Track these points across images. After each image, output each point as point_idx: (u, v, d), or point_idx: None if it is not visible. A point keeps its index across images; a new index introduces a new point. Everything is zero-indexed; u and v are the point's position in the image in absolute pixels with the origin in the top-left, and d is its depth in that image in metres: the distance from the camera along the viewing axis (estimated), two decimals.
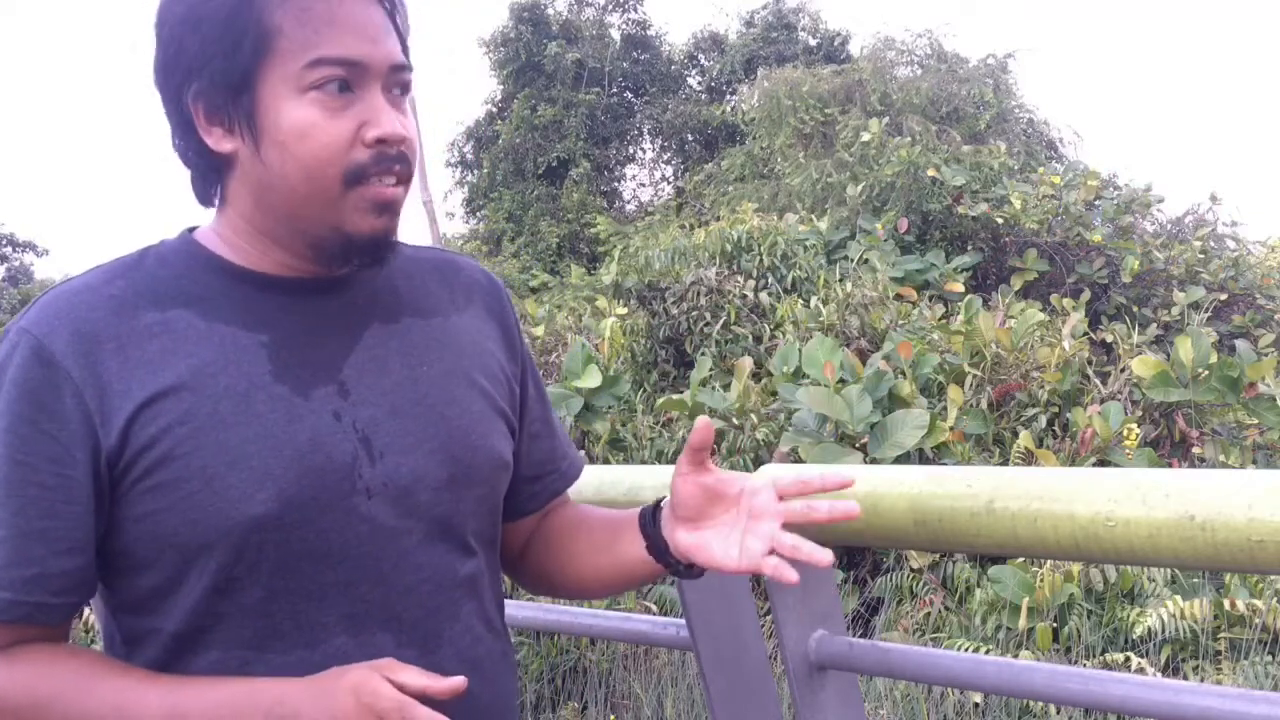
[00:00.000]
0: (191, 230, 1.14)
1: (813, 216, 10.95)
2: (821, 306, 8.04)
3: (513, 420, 1.22)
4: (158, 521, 1.02)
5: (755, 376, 7.42)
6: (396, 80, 1.07)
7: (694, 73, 20.89)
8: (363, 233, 1.06)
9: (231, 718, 0.99)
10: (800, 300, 8.50)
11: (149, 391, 1.01)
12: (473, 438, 1.15)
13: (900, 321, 7.82)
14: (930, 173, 10.37)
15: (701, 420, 1.09)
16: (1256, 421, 6.58)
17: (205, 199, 1.12)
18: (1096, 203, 10.52)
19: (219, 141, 1.06)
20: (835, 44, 19.17)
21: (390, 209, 1.06)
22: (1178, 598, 5.09)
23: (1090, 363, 7.36)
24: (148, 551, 1.03)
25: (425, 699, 0.98)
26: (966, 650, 4.78)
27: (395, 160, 1.05)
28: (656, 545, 1.15)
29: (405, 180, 1.07)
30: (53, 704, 1.00)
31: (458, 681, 0.98)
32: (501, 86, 20.16)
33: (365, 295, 1.14)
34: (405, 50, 1.10)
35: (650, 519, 1.17)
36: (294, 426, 1.04)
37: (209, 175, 1.10)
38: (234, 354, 1.05)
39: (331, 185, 1.04)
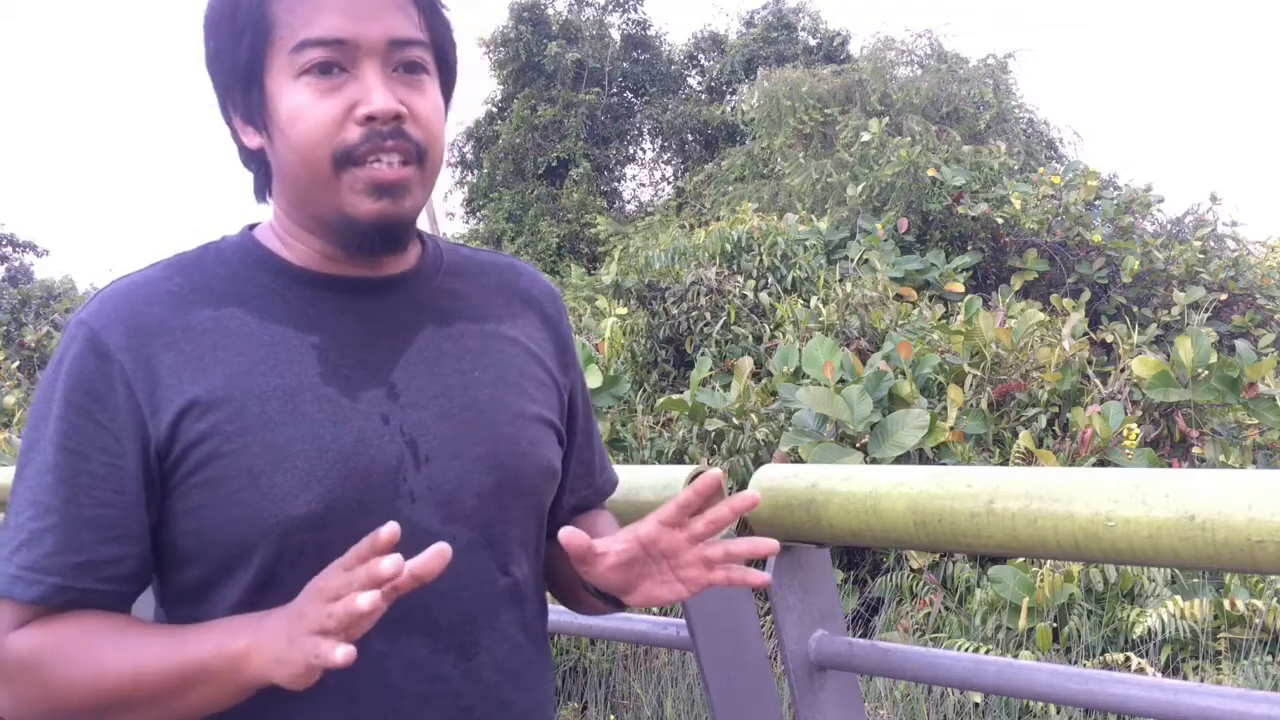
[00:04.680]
0: (252, 227, 1.15)
1: (813, 216, 10.94)
2: (821, 306, 8.03)
3: (561, 430, 1.21)
4: (203, 518, 1.02)
5: (755, 376, 7.42)
6: (401, 57, 1.05)
7: (694, 73, 20.89)
8: (363, 216, 1.04)
9: (221, 636, 0.97)
10: (800, 300, 8.49)
11: (199, 388, 1.02)
12: (521, 445, 1.14)
13: (900, 321, 7.82)
14: (930, 173, 10.37)
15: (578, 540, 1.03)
16: (1256, 421, 6.57)
17: (258, 196, 1.14)
18: (1096, 203, 10.52)
19: (251, 139, 1.09)
20: (835, 44, 19.16)
21: (391, 191, 1.04)
22: (1178, 598, 5.08)
23: (1090, 363, 7.36)
24: (194, 545, 1.04)
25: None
26: (966, 650, 4.78)
27: (388, 136, 1.02)
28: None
29: (411, 159, 1.04)
30: (75, 656, 0.99)
31: (439, 549, 0.92)
32: (501, 86, 20.16)
33: (423, 296, 1.14)
34: (434, 26, 1.08)
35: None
36: (340, 428, 1.04)
37: (257, 174, 1.12)
38: (284, 354, 1.05)
39: (323, 168, 1.03)
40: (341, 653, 0.86)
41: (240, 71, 1.05)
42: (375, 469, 1.04)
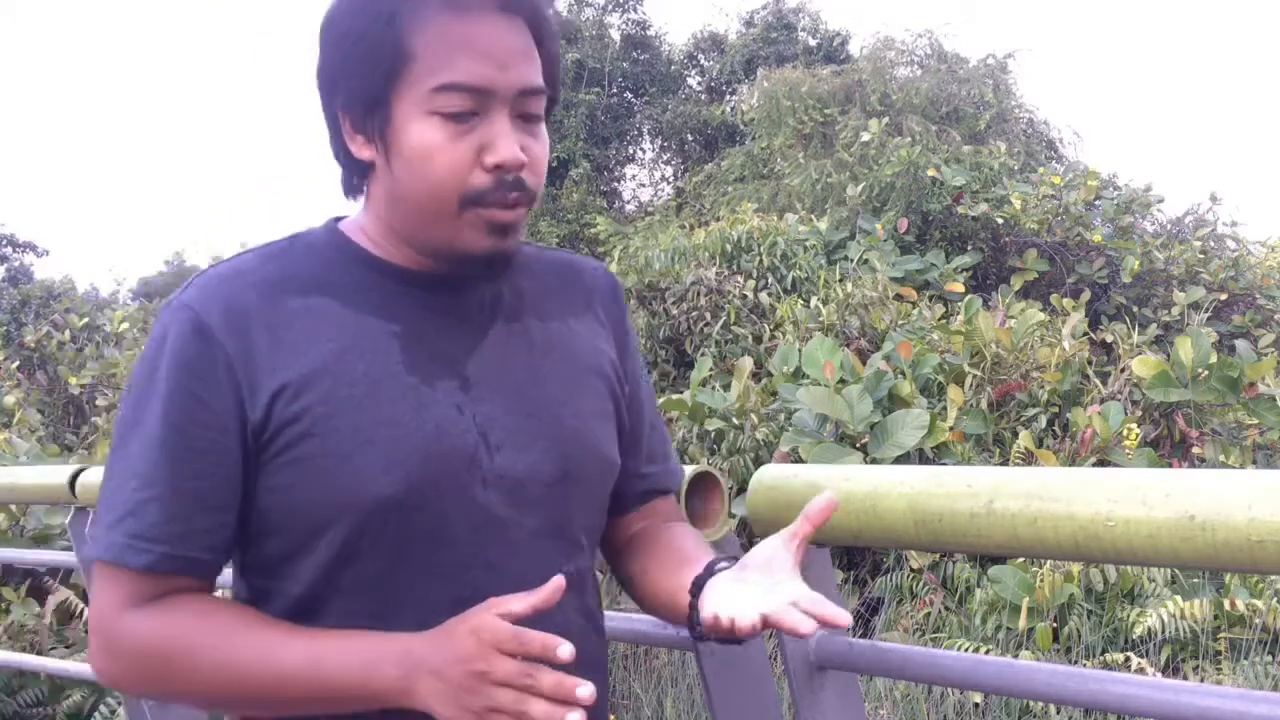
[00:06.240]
0: (337, 220, 1.21)
1: (813, 216, 10.94)
2: (821, 306, 8.04)
3: (624, 421, 1.27)
4: (290, 494, 1.09)
5: (755, 376, 7.42)
6: (525, 106, 1.10)
7: (694, 73, 20.89)
8: (475, 251, 1.11)
9: (363, 666, 1.04)
10: (800, 300, 8.49)
11: (293, 372, 1.09)
12: (585, 437, 1.20)
13: (900, 321, 7.82)
14: (930, 173, 10.37)
15: (828, 496, 1.09)
16: (1256, 421, 6.58)
17: (350, 193, 1.19)
18: (1096, 203, 10.52)
19: (360, 149, 1.13)
20: (835, 44, 19.15)
21: (505, 230, 1.11)
22: (1178, 598, 5.09)
23: (1090, 363, 7.36)
24: (279, 519, 1.10)
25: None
26: (966, 650, 4.78)
27: (512, 187, 1.09)
28: (694, 606, 1.14)
29: (524, 203, 1.11)
30: (204, 650, 1.07)
31: (557, 583, 1.01)
32: None
33: (492, 293, 1.19)
34: (553, 71, 1.14)
35: (703, 580, 1.14)
36: (421, 414, 1.11)
37: (354, 176, 1.17)
38: (369, 342, 1.12)
39: (448, 205, 1.09)
40: None
41: (370, 92, 1.09)
42: (453, 455, 1.11)
